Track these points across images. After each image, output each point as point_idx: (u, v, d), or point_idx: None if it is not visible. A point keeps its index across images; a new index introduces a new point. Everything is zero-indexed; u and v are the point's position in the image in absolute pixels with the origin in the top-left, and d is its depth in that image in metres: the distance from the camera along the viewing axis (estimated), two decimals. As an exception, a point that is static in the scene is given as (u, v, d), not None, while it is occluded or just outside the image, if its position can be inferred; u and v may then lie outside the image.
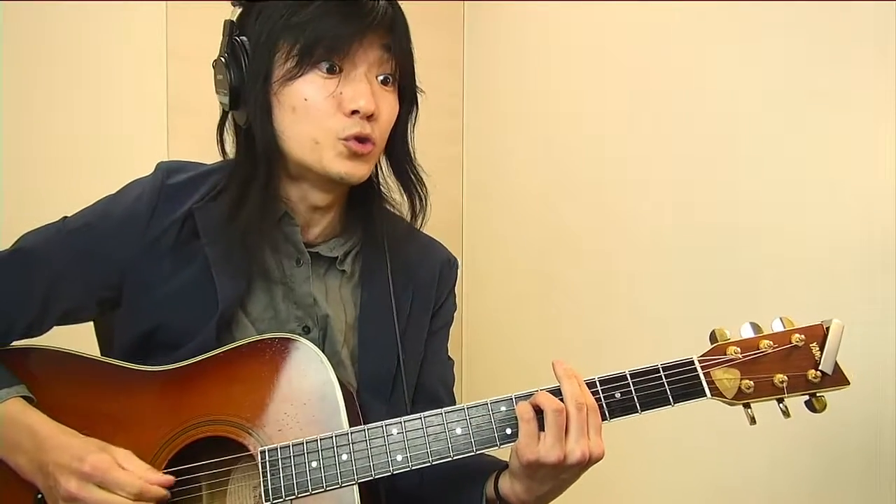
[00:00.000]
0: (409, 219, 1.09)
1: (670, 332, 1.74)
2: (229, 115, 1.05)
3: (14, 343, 1.02)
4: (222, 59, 0.99)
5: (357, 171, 0.99)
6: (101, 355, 1.07)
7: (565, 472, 0.89)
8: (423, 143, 1.13)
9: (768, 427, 0.94)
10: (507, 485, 0.94)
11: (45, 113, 2.10)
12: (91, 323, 1.20)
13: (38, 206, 1.72)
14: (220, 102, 1.02)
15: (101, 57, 2.16)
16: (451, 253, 1.18)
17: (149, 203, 1.01)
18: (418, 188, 1.08)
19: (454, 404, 0.94)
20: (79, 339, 1.09)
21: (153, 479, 0.89)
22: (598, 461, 0.89)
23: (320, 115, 0.96)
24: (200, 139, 2.43)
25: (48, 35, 2.09)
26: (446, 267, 1.16)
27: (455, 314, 1.20)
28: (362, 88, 0.96)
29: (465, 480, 1.00)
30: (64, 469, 0.88)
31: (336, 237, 1.08)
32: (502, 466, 0.97)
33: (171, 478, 0.91)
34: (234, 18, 1.00)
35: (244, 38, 0.98)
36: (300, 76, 0.95)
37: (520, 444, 0.89)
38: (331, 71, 0.95)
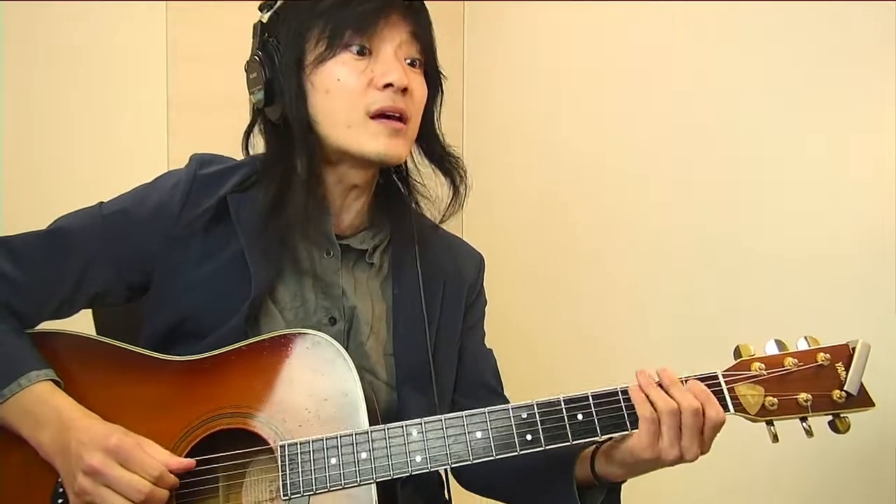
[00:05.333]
0: (451, 196, 1.12)
1: (672, 333, 1.75)
2: (258, 121, 1.07)
3: (42, 325, 1.04)
4: (256, 58, 1.02)
5: (395, 150, 1.01)
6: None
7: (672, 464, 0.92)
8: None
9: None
10: (605, 468, 0.97)
11: (45, 112, 2.09)
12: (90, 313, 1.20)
13: (39, 205, 1.71)
14: (254, 101, 1.04)
15: (101, 57, 2.15)
16: (476, 250, 1.22)
17: (183, 191, 1.03)
18: (456, 167, 1.11)
19: (502, 390, 0.98)
20: (79, 329, 1.09)
21: (173, 464, 0.90)
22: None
23: (354, 93, 0.99)
24: (200, 138, 2.42)
25: (48, 35, 2.08)
26: (474, 262, 1.20)
27: None
28: (394, 65, 0.99)
29: (551, 463, 1.00)
30: (88, 445, 0.89)
31: (365, 230, 1.10)
32: (588, 448, 0.99)
33: (191, 461, 0.92)
34: (263, 20, 1.03)
35: (274, 38, 1.01)
36: (332, 58, 0.99)
37: (641, 443, 0.90)
38: (361, 53, 0.99)
